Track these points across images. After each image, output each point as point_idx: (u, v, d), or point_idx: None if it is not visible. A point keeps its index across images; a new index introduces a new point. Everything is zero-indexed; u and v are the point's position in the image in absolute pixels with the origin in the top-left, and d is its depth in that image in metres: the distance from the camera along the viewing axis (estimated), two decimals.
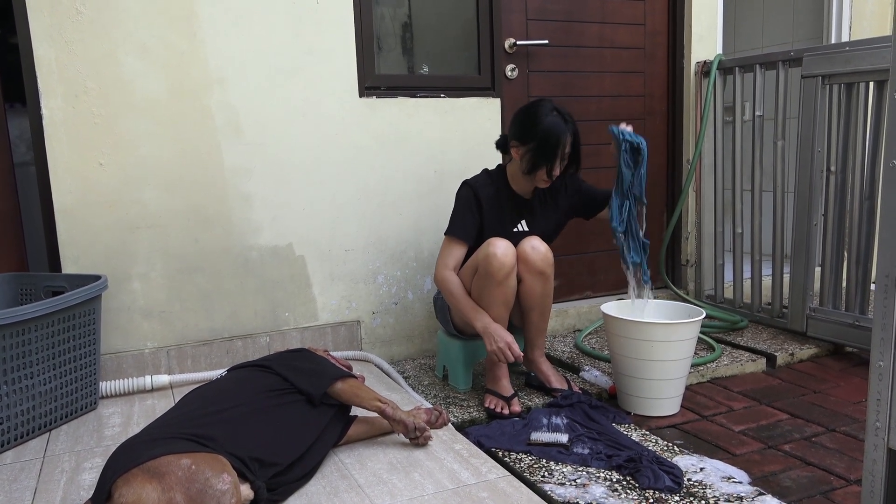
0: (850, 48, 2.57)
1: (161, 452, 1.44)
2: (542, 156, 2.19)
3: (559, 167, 2.23)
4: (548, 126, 2.18)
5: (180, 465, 1.42)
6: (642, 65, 3.27)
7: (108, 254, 2.39)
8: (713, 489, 1.72)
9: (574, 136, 2.23)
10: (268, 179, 2.57)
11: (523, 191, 2.35)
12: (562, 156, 2.21)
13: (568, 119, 2.21)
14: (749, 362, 2.63)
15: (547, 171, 2.22)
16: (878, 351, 1.10)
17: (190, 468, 1.42)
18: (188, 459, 1.44)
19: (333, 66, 2.62)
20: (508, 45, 2.94)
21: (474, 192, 2.31)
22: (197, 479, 1.41)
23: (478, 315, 2.20)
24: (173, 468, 1.41)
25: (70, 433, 2.12)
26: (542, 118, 2.19)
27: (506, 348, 2.15)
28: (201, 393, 1.75)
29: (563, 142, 2.18)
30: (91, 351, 2.24)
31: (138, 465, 1.41)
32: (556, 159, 2.20)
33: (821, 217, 2.79)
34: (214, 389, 1.76)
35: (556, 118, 2.19)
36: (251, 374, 1.83)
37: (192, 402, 1.70)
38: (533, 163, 2.22)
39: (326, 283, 2.71)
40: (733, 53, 4.32)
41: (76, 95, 2.30)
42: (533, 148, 2.20)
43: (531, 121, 2.21)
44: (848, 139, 2.65)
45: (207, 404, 1.67)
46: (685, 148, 3.33)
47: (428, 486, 1.71)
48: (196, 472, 1.42)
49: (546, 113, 2.20)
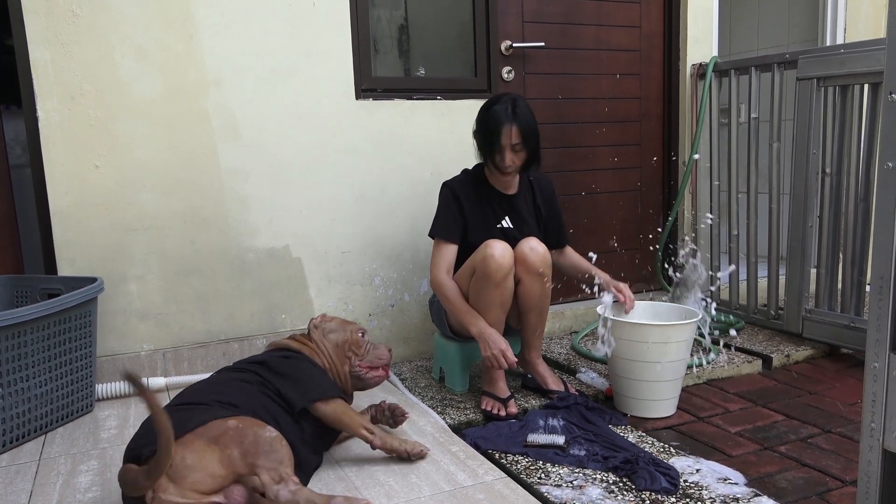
0: (845, 51, 2.58)
1: (208, 418, 1.54)
2: (484, 141, 2.26)
3: (507, 156, 2.23)
4: (491, 114, 2.24)
5: (228, 425, 1.54)
6: (638, 67, 3.27)
7: (105, 256, 2.39)
8: (709, 490, 1.72)
9: (524, 128, 2.20)
10: (264, 181, 2.57)
11: (502, 186, 2.36)
12: (507, 145, 2.21)
13: (519, 112, 2.21)
14: (745, 364, 2.64)
15: (492, 158, 2.27)
16: (872, 352, 1.10)
17: (238, 427, 1.54)
18: (234, 420, 1.55)
19: (330, 68, 2.62)
20: (505, 47, 2.94)
21: (452, 191, 2.34)
22: (246, 434, 1.52)
23: (473, 320, 2.20)
24: (224, 429, 1.52)
25: (66, 436, 2.11)
26: (491, 107, 2.25)
27: (500, 355, 2.16)
28: (195, 388, 1.76)
29: (503, 130, 2.20)
30: (87, 353, 2.24)
31: (191, 431, 1.50)
32: (495, 146, 2.23)
33: (816, 219, 2.79)
34: (207, 383, 1.78)
35: (503, 108, 2.22)
36: (240, 376, 1.82)
37: (188, 395, 1.72)
38: (480, 150, 2.31)
39: (323, 284, 2.70)
40: (729, 56, 4.33)
41: (72, 97, 2.29)
42: (479, 134, 2.29)
43: (482, 110, 2.29)
44: (843, 141, 2.66)
45: (204, 394, 1.70)
46: (681, 149, 3.34)
47: (425, 487, 1.71)
48: (243, 428, 1.54)
49: (498, 103, 2.24)
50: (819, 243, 2.78)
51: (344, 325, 2.02)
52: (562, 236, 2.50)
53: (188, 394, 1.71)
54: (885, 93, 1.05)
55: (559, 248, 2.50)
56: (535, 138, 2.25)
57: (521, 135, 2.21)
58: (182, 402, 1.67)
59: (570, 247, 2.54)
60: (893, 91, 1.04)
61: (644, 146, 3.34)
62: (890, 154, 1.05)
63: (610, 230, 3.31)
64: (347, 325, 2.03)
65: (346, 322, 2.05)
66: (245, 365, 1.85)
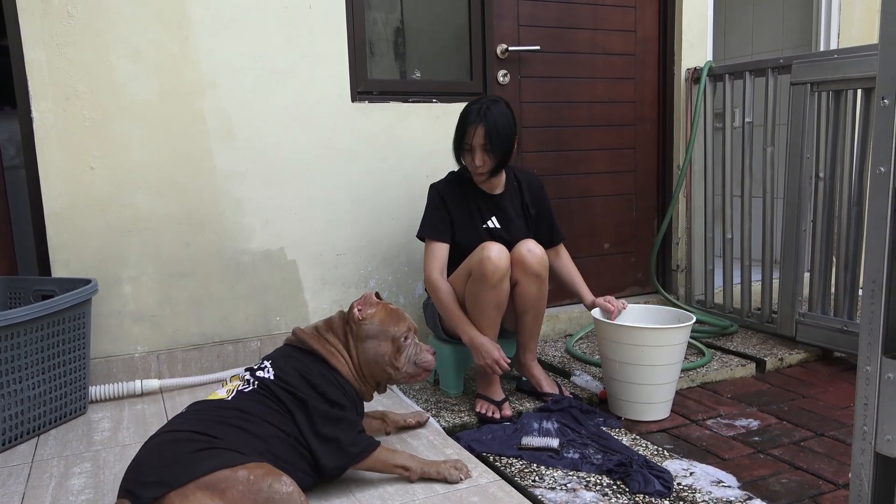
0: (839, 56, 2.59)
1: (216, 465, 1.39)
2: (455, 142, 2.30)
3: (477, 156, 2.23)
4: (462, 114, 2.28)
5: (238, 478, 1.38)
6: (633, 71, 3.28)
7: (99, 257, 2.38)
8: (703, 493, 1.73)
9: (490, 130, 2.19)
10: (260, 183, 2.57)
11: (487, 186, 2.36)
12: (472, 145, 2.23)
13: (489, 114, 2.21)
14: (739, 367, 2.64)
15: (461, 158, 2.31)
16: (865, 356, 1.11)
17: (249, 479, 1.39)
18: (244, 471, 1.40)
19: (326, 71, 2.62)
20: (500, 50, 2.95)
21: (438, 192, 2.37)
22: (261, 488, 1.39)
23: (465, 327, 2.21)
24: (232, 482, 1.37)
25: (59, 438, 2.10)
26: (466, 108, 2.28)
27: (493, 364, 2.17)
28: (217, 405, 1.62)
29: (468, 130, 2.23)
30: (81, 355, 2.23)
31: (194, 480, 1.37)
32: (462, 145, 2.26)
33: (810, 223, 2.80)
34: (229, 405, 1.62)
35: (475, 107, 2.24)
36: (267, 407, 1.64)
37: (209, 411, 1.60)
38: (453, 149, 2.33)
39: (318, 287, 2.70)
40: (723, 60, 4.35)
41: (67, 98, 2.29)
42: (455, 135, 2.32)
43: (462, 111, 2.31)
44: (836, 146, 2.67)
45: (223, 416, 1.58)
46: (676, 153, 3.35)
47: (419, 490, 1.71)
48: (256, 481, 1.39)
49: (475, 103, 2.26)
50: (812, 247, 2.79)
51: (386, 330, 1.78)
52: (555, 234, 2.49)
53: (203, 416, 1.56)
54: (878, 98, 1.05)
55: (553, 246, 2.49)
56: (502, 142, 2.22)
57: (486, 136, 2.20)
58: (194, 429, 1.51)
59: (565, 250, 2.53)
60: (886, 96, 1.04)
61: (639, 150, 3.35)
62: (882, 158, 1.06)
63: (605, 234, 3.31)
64: (391, 329, 1.79)
65: (391, 320, 1.80)
66: (282, 392, 1.65)
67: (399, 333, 1.80)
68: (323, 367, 1.74)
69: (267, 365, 1.73)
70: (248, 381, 1.70)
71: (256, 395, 1.65)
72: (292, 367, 1.71)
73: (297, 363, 1.73)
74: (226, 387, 1.70)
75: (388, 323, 1.80)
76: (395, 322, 1.81)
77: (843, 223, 2.67)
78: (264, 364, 1.74)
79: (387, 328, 1.79)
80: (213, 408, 1.60)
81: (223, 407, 1.60)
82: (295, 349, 1.78)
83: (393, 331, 1.79)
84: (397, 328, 1.80)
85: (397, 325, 1.80)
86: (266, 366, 1.73)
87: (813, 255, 2.78)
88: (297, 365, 1.72)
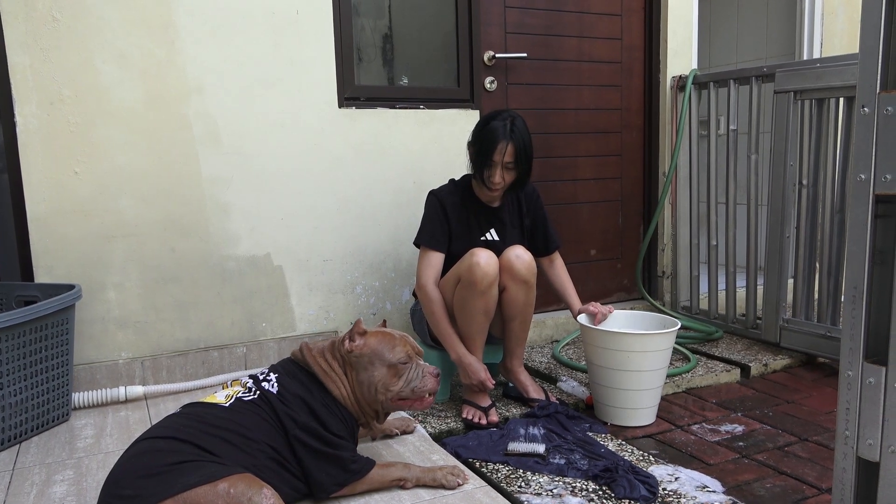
0: (821, 65, 2.63)
1: (195, 482, 1.37)
2: (478, 157, 2.25)
3: (496, 173, 2.23)
4: (488, 129, 2.22)
5: (217, 492, 1.36)
6: (619, 79, 3.30)
7: (83, 263, 2.36)
8: (688, 498, 1.73)
9: (519, 148, 2.20)
10: (246, 189, 2.56)
11: (487, 199, 2.35)
12: (499, 162, 2.21)
13: (516, 131, 2.20)
14: (724, 373, 2.66)
15: (482, 174, 2.26)
16: (846, 361, 1.12)
17: (229, 493, 1.37)
18: (225, 484, 1.38)
19: (313, 77, 2.62)
20: (487, 57, 2.96)
21: (439, 200, 2.34)
22: (240, 502, 1.37)
23: (455, 345, 2.23)
24: (211, 498, 1.35)
25: (41, 445, 2.08)
26: (489, 122, 2.24)
27: (479, 386, 2.21)
28: (210, 411, 1.60)
29: (497, 147, 2.19)
30: (63, 361, 2.21)
31: (172, 497, 1.34)
32: (488, 163, 2.22)
33: (793, 230, 2.83)
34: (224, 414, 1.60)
35: (500, 124, 2.21)
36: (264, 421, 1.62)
37: (202, 417, 1.57)
38: (472, 163, 2.29)
39: (304, 293, 2.69)
40: (708, 68, 4.39)
41: (51, 103, 2.27)
42: (473, 147, 2.28)
43: (481, 124, 2.28)
44: (819, 153, 2.70)
45: (215, 426, 1.55)
46: (661, 161, 3.37)
47: (405, 496, 1.70)
48: (236, 494, 1.37)
49: (496, 118, 2.23)
50: (796, 254, 2.81)
51: (382, 357, 1.73)
52: (549, 242, 2.48)
53: (192, 422, 1.54)
54: (858, 106, 1.07)
55: (547, 254, 2.49)
56: (528, 159, 2.25)
57: (515, 154, 2.21)
58: (178, 436, 1.49)
59: (560, 258, 2.52)
60: (866, 104, 1.06)
61: (625, 157, 3.37)
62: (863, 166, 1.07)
63: (591, 240, 3.33)
64: (386, 355, 1.73)
65: (386, 346, 1.74)
66: (281, 409, 1.63)
67: (395, 359, 1.73)
68: (324, 393, 1.71)
69: (273, 378, 1.70)
70: (250, 389, 1.68)
71: (255, 406, 1.63)
72: (296, 390, 1.68)
73: (301, 387, 1.70)
74: (225, 390, 1.68)
75: (381, 350, 1.74)
76: (391, 348, 1.74)
77: (825, 230, 2.70)
78: (270, 377, 1.71)
79: (382, 355, 1.73)
80: (205, 413, 1.58)
81: (216, 413, 1.58)
82: (300, 369, 1.75)
83: (388, 357, 1.73)
84: (392, 354, 1.74)
85: (392, 350, 1.74)
86: (272, 379, 1.70)
87: (796, 261, 2.81)
88: (300, 389, 1.69)
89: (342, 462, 1.65)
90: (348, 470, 1.66)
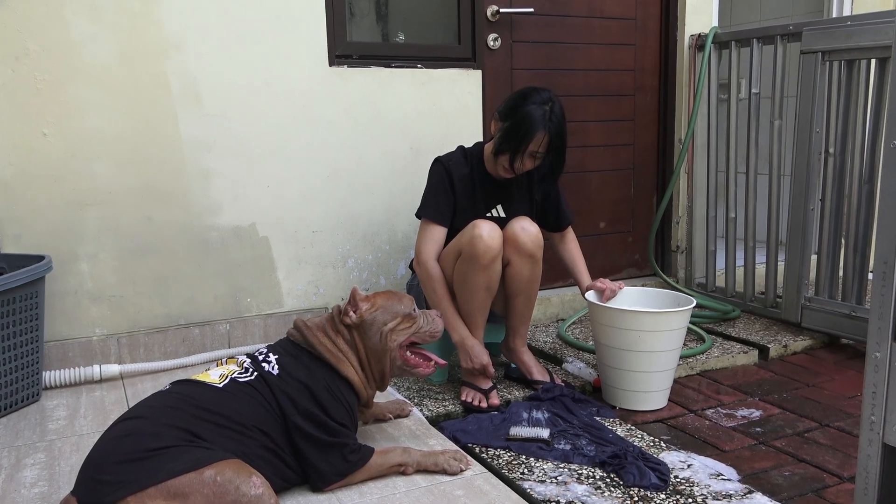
0: (852, 23, 2.60)
1: (180, 469, 1.37)
2: (508, 140, 2.18)
3: (526, 162, 2.20)
4: (526, 113, 2.16)
5: (203, 480, 1.37)
6: (633, 37, 3.27)
7: (53, 232, 2.35)
8: (701, 487, 1.75)
9: (554, 138, 2.17)
10: (229, 154, 2.54)
11: (498, 174, 2.33)
12: (530, 151, 2.18)
13: (555, 120, 2.16)
14: (740, 354, 2.67)
15: (510, 160, 2.20)
16: (874, 341, 1.12)
17: (216, 481, 1.38)
18: (211, 471, 1.39)
19: (301, 32, 2.59)
20: (491, 12, 2.92)
21: (447, 169, 2.30)
22: (227, 490, 1.38)
23: (456, 325, 2.22)
24: (197, 486, 1.36)
25: (9, 427, 2.09)
26: (528, 104, 2.17)
27: (481, 370, 2.20)
28: (201, 391, 1.60)
29: (534, 136, 2.14)
30: (33, 338, 2.21)
31: (155, 485, 1.35)
32: (520, 150, 2.17)
33: (818, 202, 2.82)
34: (216, 396, 1.60)
35: (540, 110, 2.15)
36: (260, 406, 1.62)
37: (192, 397, 1.57)
38: (499, 144, 2.21)
39: (292, 266, 2.69)
40: (730, 26, 4.35)
41: (16, 58, 2.24)
42: (505, 128, 2.20)
43: (517, 101, 2.20)
44: (848, 119, 2.69)
45: (205, 409, 1.55)
46: (677, 126, 3.35)
47: (400, 483, 1.71)
48: (223, 483, 1.38)
49: (536, 101, 2.16)
50: (820, 228, 2.81)
51: (395, 310, 1.82)
52: (561, 217, 2.47)
53: (179, 403, 1.53)
54: (893, 68, 1.06)
55: (559, 230, 2.48)
56: (562, 149, 2.22)
57: (549, 144, 2.18)
58: (163, 419, 1.48)
59: (572, 233, 2.51)
60: None
61: (638, 122, 3.35)
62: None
63: (600, 212, 3.32)
64: (399, 307, 1.83)
65: (394, 301, 1.84)
66: (281, 396, 1.63)
67: (407, 309, 1.85)
68: (329, 376, 1.71)
69: (272, 359, 1.70)
70: (247, 369, 1.67)
71: (251, 388, 1.63)
72: (298, 373, 1.68)
73: (303, 370, 1.70)
74: (220, 368, 1.68)
75: (392, 304, 1.84)
76: (399, 300, 1.85)
77: (853, 202, 2.69)
78: (270, 357, 1.71)
79: (394, 309, 1.83)
80: (195, 393, 1.58)
81: (208, 395, 1.58)
82: (301, 350, 1.75)
83: (400, 309, 1.84)
84: (403, 306, 1.85)
85: (401, 302, 1.85)
86: (272, 360, 1.70)
87: (820, 236, 2.81)
88: (302, 372, 1.69)
89: (343, 451, 1.67)
90: (348, 460, 1.67)
